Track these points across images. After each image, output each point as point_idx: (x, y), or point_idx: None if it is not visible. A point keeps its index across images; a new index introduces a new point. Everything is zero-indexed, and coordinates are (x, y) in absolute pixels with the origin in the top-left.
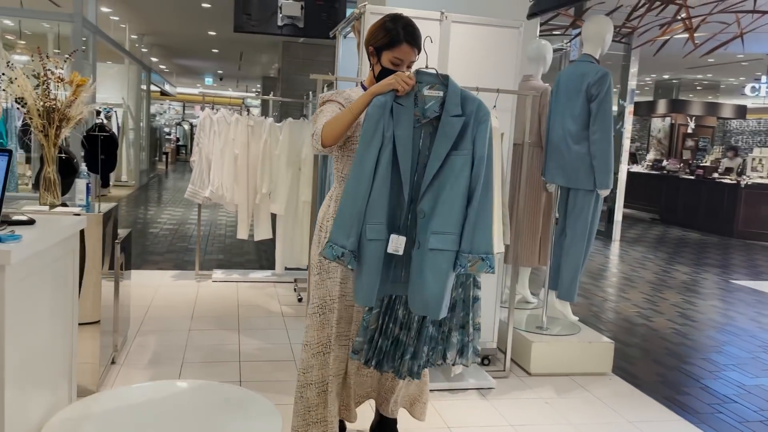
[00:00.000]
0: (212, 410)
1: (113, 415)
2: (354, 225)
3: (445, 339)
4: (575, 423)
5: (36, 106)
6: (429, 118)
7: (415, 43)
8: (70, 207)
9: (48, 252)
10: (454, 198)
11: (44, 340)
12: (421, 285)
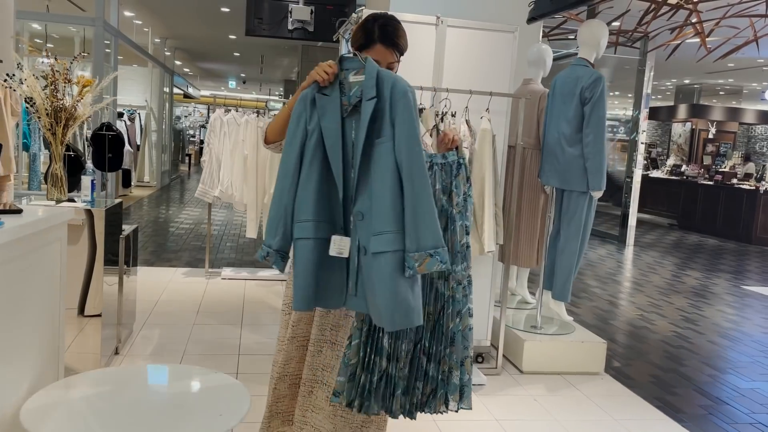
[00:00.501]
0: (184, 391)
1: (88, 394)
2: (280, 223)
3: (446, 380)
4: (560, 420)
5: (44, 105)
6: (353, 105)
7: (391, 44)
8: (77, 202)
9: (31, 239)
10: (384, 192)
11: (28, 323)
12: (372, 294)
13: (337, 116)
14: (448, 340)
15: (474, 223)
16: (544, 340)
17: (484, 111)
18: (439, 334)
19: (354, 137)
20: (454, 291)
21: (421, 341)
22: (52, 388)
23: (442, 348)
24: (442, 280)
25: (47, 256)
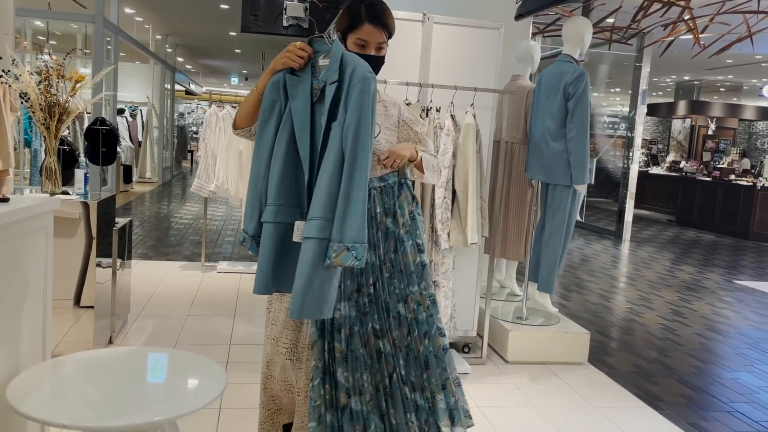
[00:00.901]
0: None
1: (72, 373)
2: (255, 209)
3: (433, 407)
4: (541, 407)
5: (38, 101)
6: (321, 90)
7: (380, 24)
8: (71, 195)
9: (16, 226)
10: (323, 177)
11: (13, 308)
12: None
13: (307, 99)
14: (423, 365)
15: (458, 215)
16: (528, 330)
17: (469, 106)
18: (412, 359)
19: (323, 121)
20: (416, 312)
21: (395, 370)
22: (37, 368)
23: (419, 374)
24: (402, 302)
25: (33, 243)
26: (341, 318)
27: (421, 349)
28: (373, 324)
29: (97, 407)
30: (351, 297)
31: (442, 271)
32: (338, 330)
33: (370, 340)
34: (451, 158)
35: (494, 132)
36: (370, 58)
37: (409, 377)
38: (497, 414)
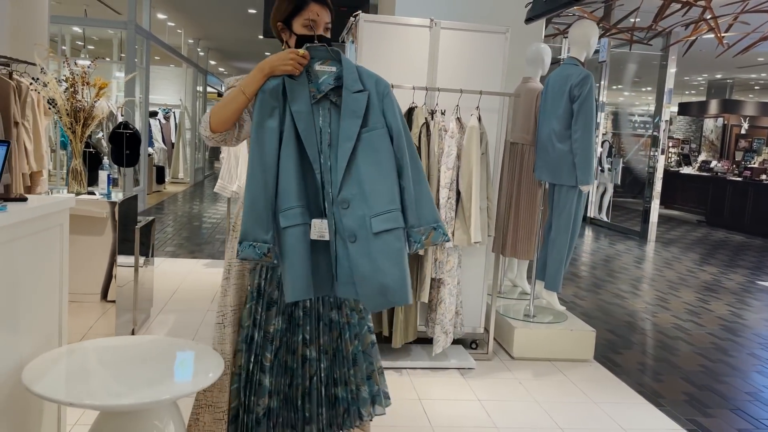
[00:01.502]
0: (168, 356)
1: (84, 357)
2: (270, 217)
3: (356, 398)
4: (540, 400)
5: (65, 106)
6: (324, 93)
7: (325, 2)
8: (96, 195)
9: (33, 222)
10: (386, 175)
11: (31, 298)
12: (378, 274)
13: (308, 102)
14: (350, 362)
15: (463, 215)
16: (534, 327)
17: (474, 109)
18: (340, 359)
19: (322, 123)
20: (349, 317)
21: (316, 373)
22: (53, 353)
23: (345, 370)
24: (336, 309)
25: (49, 239)
26: (274, 331)
27: (351, 348)
28: (303, 334)
29: (102, 388)
30: (285, 312)
31: (447, 269)
32: (270, 342)
33: (298, 348)
34: (455, 160)
35: (508, 133)
36: (321, 38)
37: (332, 375)
38: (496, 406)
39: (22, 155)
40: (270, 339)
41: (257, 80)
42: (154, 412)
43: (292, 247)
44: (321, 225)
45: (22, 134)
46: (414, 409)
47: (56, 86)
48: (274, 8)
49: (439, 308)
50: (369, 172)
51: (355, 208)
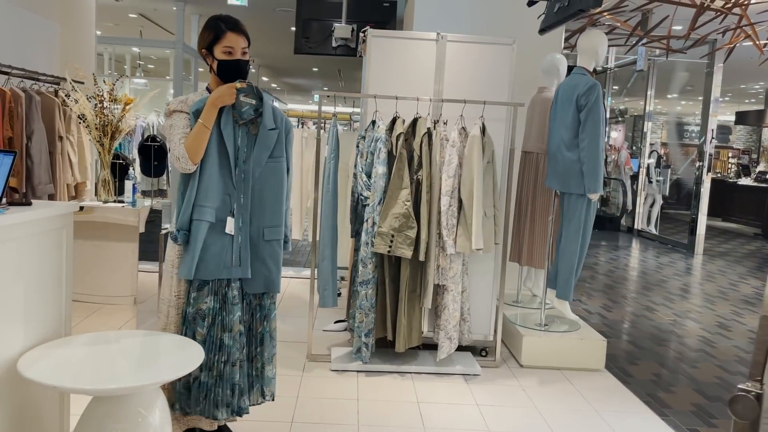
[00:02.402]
0: (156, 348)
1: (79, 348)
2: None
3: (260, 375)
4: (540, 408)
5: (94, 121)
6: (245, 120)
7: (240, 31)
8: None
9: (35, 224)
10: (279, 197)
11: (34, 292)
12: (264, 269)
13: (232, 125)
14: (258, 341)
15: (465, 222)
16: (543, 336)
17: (478, 118)
18: (250, 338)
19: (240, 143)
20: (261, 300)
21: (244, 347)
22: (51, 343)
23: (254, 348)
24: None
25: (53, 239)
26: (206, 309)
27: (260, 329)
28: (237, 312)
29: (89, 375)
30: (218, 292)
31: (450, 275)
32: (202, 318)
33: (234, 326)
34: (455, 168)
35: (514, 142)
36: (239, 62)
37: (248, 351)
38: (493, 411)
39: (66, 167)
40: (202, 316)
41: (214, 114)
42: (138, 397)
43: (194, 237)
44: (231, 222)
45: (66, 147)
46: (410, 411)
47: (86, 102)
48: (198, 37)
49: (443, 314)
50: (270, 191)
51: (254, 217)
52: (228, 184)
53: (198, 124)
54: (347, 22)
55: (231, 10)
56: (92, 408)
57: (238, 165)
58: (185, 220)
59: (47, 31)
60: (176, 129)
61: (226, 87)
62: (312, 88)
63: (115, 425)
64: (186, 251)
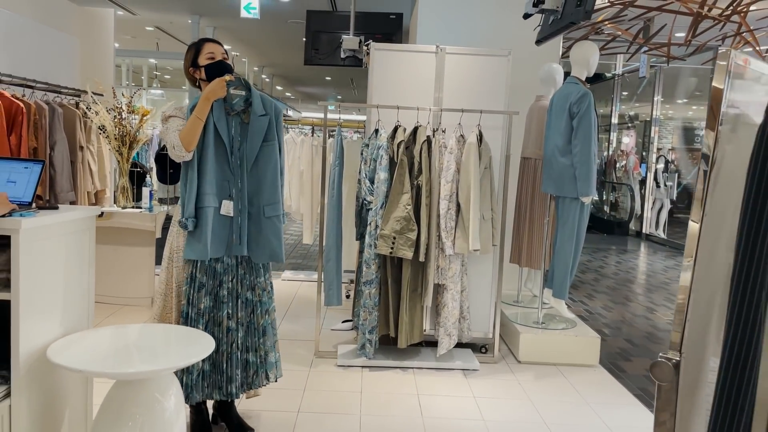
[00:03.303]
0: (173, 339)
1: (103, 338)
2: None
3: (264, 362)
4: (534, 399)
5: (113, 131)
6: (236, 111)
7: (215, 41)
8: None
9: (60, 226)
10: (275, 177)
11: (61, 288)
12: (267, 243)
13: (225, 117)
14: (261, 333)
15: (462, 225)
16: (539, 333)
17: (475, 126)
18: (252, 330)
19: (234, 132)
20: (260, 296)
21: (235, 341)
22: (77, 334)
23: (256, 339)
24: (250, 290)
25: (77, 241)
26: (203, 308)
27: (261, 321)
28: (227, 310)
29: (111, 361)
30: (212, 292)
31: (449, 275)
32: (201, 316)
33: (223, 321)
34: (453, 174)
35: (510, 149)
36: (221, 61)
37: (246, 343)
38: (488, 403)
39: (87, 175)
40: (201, 314)
41: (207, 107)
42: (154, 383)
43: (204, 222)
44: (228, 205)
45: (87, 157)
46: (410, 403)
47: (106, 114)
48: (183, 61)
49: (443, 312)
50: (267, 173)
51: (253, 196)
52: (226, 170)
53: (192, 116)
54: (355, 34)
55: (243, 23)
56: (113, 393)
57: (234, 152)
58: (192, 208)
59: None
60: (171, 129)
61: (217, 81)
62: (326, 96)
63: (133, 409)
64: (192, 236)
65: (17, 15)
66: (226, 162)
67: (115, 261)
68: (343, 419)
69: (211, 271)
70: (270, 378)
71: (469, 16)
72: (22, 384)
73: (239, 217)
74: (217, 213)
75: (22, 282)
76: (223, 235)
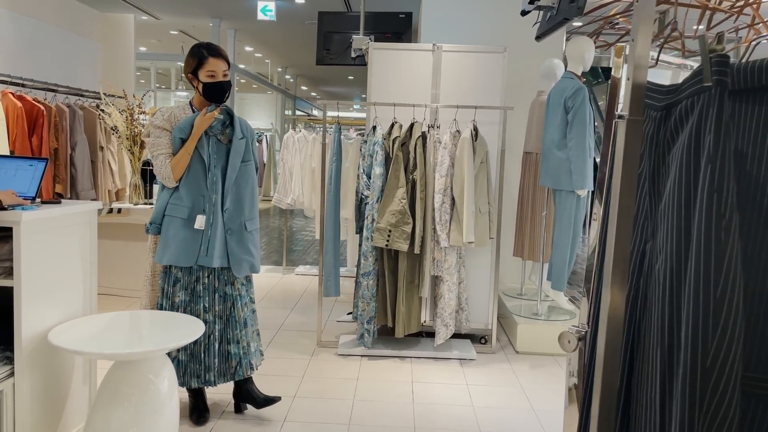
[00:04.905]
0: (166, 323)
1: (102, 323)
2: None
3: (247, 352)
4: (526, 387)
5: (125, 132)
6: (214, 133)
7: (220, 55)
8: (152, 206)
9: (63, 219)
10: (253, 194)
11: (63, 277)
12: (248, 255)
13: (204, 136)
14: (242, 324)
15: (457, 218)
16: (536, 323)
17: (469, 122)
18: (233, 323)
19: (210, 151)
20: (239, 290)
21: (212, 333)
22: (77, 320)
23: (238, 331)
24: (229, 285)
25: (79, 233)
26: (179, 302)
27: (242, 314)
28: (203, 303)
29: (106, 343)
30: (188, 287)
31: (445, 267)
32: (176, 309)
33: (200, 314)
34: (447, 168)
35: (504, 143)
36: (221, 83)
37: (227, 336)
38: (480, 390)
39: (107, 175)
40: (176, 307)
41: (196, 140)
42: (148, 364)
43: (165, 230)
44: (201, 219)
45: (107, 157)
46: (403, 389)
47: (118, 115)
48: (184, 62)
49: (440, 303)
50: (244, 191)
51: (232, 213)
52: (201, 186)
53: (183, 150)
54: (365, 34)
55: (261, 24)
56: (109, 375)
57: (210, 169)
58: (159, 215)
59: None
60: (160, 147)
61: (208, 117)
62: (351, 95)
63: (128, 389)
64: (161, 242)
65: (42, 23)
66: (203, 178)
67: (128, 255)
68: (336, 404)
69: (186, 268)
70: (254, 367)
71: (473, 14)
72: (25, 364)
73: (209, 230)
74: (185, 224)
75: (23, 270)
76: (193, 246)
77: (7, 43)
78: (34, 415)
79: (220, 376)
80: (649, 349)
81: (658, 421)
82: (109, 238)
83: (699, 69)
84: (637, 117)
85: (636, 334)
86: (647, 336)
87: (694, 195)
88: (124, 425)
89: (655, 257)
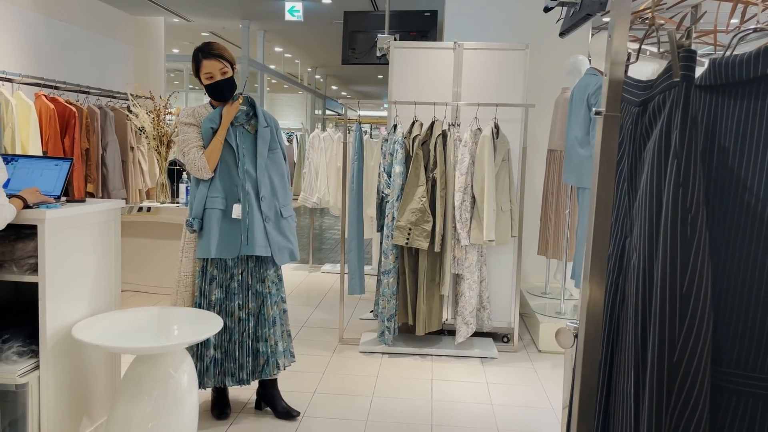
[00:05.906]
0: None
1: (122, 319)
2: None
3: (275, 351)
4: (546, 386)
5: (152, 132)
6: (240, 123)
7: (214, 55)
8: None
9: (88, 216)
10: (284, 181)
11: (89, 273)
12: (287, 243)
13: (231, 128)
14: (271, 322)
15: (478, 216)
16: (559, 322)
17: (490, 120)
18: (262, 321)
19: (238, 141)
20: (270, 288)
21: (245, 330)
22: (102, 315)
23: (267, 330)
24: (260, 282)
25: (104, 230)
26: (215, 300)
27: (272, 312)
28: (238, 301)
29: (127, 337)
30: (223, 285)
31: (466, 265)
32: (212, 308)
33: (234, 312)
34: (468, 166)
35: (526, 141)
36: (218, 84)
37: (256, 333)
38: (500, 388)
39: (138, 174)
40: (212, 305)
41: (227, 128)
42: (168, 358)
43: (209, 222)
44: (238, 208)
45: (137, 157)
46: (422, 387)
47: (145, 116)
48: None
49: (460, 301)
50: (276, 178)
51: (269, 200)
52: (234, 175)
53: (216, 139)
54: (390, 33)
55: (289, 25)
56: (131, 369)
57: (240, 158)
58: (199, 210)
59: (123, 53)
60: (191, 141)
61: (235, 105)
62: (382, 94)
63: (149, 383)
64: (201, 236)
65: (75, 27)
66: (234, 168)
67: (156, 253)
68: (355, 400)
69: (222, 265)
70: (280, 366)
71: (497, 11)
72: (50, 358)
73: (247, 219)
74: (224, 215)
75: (48, 267)
76: (233, 237)
77: (41, 47)
78: (58, 408)
79: (251, 374)
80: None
81: (633, 414)
82: (138, 236)
83: (670, 64)
84: (614, 113)
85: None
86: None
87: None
88: (145, 419)
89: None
